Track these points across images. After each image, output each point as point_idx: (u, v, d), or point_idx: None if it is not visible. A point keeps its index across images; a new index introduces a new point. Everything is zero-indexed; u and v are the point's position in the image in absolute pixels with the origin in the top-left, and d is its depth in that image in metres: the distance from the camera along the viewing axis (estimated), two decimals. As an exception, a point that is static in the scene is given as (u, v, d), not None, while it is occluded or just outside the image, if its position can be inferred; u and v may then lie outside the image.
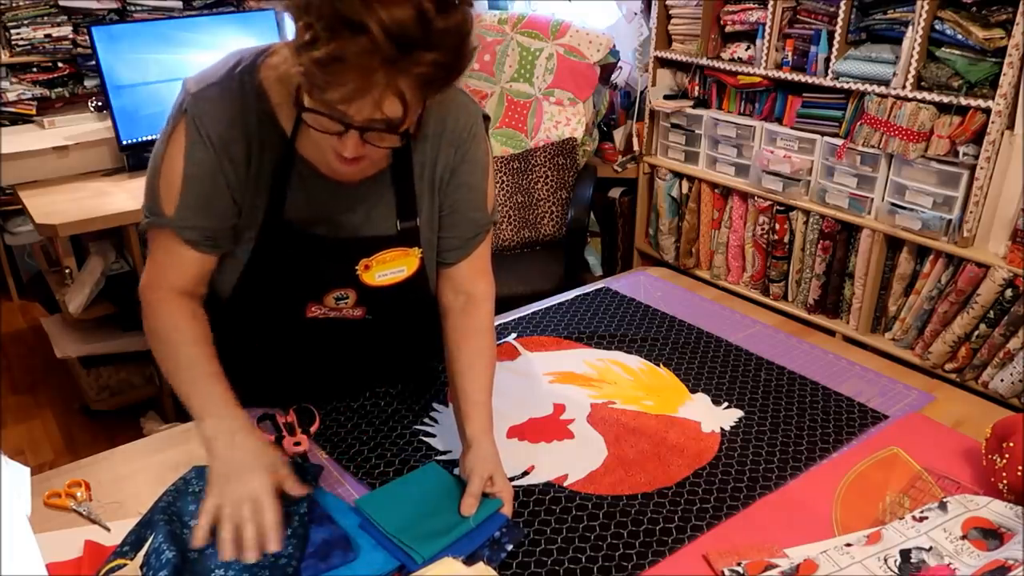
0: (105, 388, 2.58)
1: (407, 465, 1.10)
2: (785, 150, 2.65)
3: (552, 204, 2.84)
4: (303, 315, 1.12)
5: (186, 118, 0.97)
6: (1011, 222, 2.17)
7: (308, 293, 1.10)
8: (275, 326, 1.16)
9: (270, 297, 1.10)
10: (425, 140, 1.06)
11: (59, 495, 1.03)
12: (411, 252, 1.10)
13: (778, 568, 0.90)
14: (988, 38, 2.06)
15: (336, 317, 1.14)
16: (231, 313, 1.12)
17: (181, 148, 0.98)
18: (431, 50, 0.80)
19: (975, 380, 2.32)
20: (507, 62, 2.96)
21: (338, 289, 1.10)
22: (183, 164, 0.98)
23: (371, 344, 1.22)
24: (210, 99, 0.97)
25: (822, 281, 2.65)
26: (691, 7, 2.81)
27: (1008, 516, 0.94)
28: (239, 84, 0.98)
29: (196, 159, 0.98)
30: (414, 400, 1.25)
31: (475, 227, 1.14)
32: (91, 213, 2.30)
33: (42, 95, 3.13)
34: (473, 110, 1.11)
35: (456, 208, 1.12)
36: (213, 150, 0.98)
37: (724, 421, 1.21)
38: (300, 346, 1.19)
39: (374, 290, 1.10)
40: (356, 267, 1.07)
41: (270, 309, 1.13)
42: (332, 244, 1.06)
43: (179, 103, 0.99)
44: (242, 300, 1.11)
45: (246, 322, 1.15)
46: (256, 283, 1.08)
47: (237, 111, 0.97)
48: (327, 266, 1.08)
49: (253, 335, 1.18)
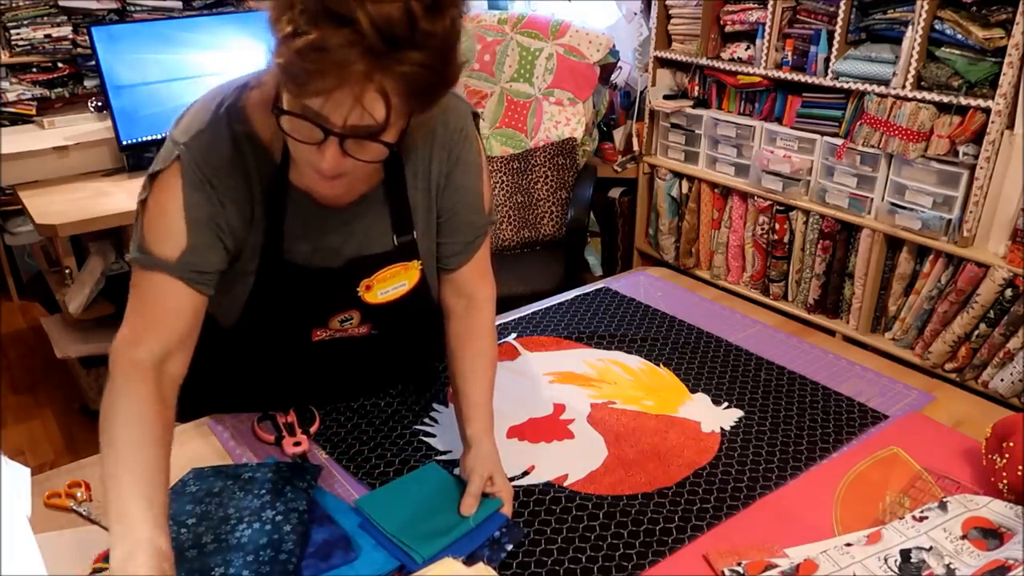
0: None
1: (407, 465, 1.10)
2: (785, 150, 2.65)
3: (552, 204, 2.84)
4: (309, 340, 1.12)
5: (180, 164, 0.94)
6: (1011, 222, 2.17)
7: (312, 320, 1.10)
8: (281, 351, 1.16)
9: (274, 326, 1.10)
10: (415, 148, 1.05)
11: (59, 495, 1.03)
12: (411, 266, 1.09)
13: (778, 568, 0.90)
14: (988, 38, 2.06)
15: (342, 337, 1.14)
16: (235, 340, 1.11)
17: (178, 192, 0.94)
18: (416, 50, 0.78)
19: (975, 380, 2.32)
20: (507, 62, 2.96)
21: (342, 312, 1.09)
22: (183, 209, 0.94)
23: (377, 357, 1.22)
24: (203, 145, 0.95)
25: (822, 281, 2.65)
26: (691, 7, 2.81)
27: (1008, 516, 0.94)
28: (227, 123, 0.95)
29: (197, 203, 0.94)
30: (414, 400, 1.26)
31: (474, 230, 1.13)
32: (91, 213, 2.31)
33: (42, 95, 3.13)
34: (463, 109, 1.09)
35: (454, 212, 1.11)
36: (213, 192, 0.95)
37: (724, 421, 1.21)
38: (306, 367, 1.19)
39: (377, 308, 1.10)
40: (358, 289, 1.07)
41: (275, 336, 1.12)
42: (333, 272, 1.05)
43: (167, 154, 0.95)
44: (246, 329, 1.10)
45: (251, 348, 1.14)
46: (259, 314, 1.07)
47: (231, 151, 0.95)
48: (329, 293, 1.07)
49: (258, 360, 1.18)
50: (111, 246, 2.55)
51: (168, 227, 0.94)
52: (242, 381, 1.21)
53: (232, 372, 1.19)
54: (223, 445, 1.14)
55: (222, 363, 1.12)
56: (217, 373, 1.12)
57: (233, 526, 0.96)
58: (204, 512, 0.98)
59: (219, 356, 1.05)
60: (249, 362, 1.18)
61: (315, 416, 1.19)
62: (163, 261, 0.93)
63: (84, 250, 2.59)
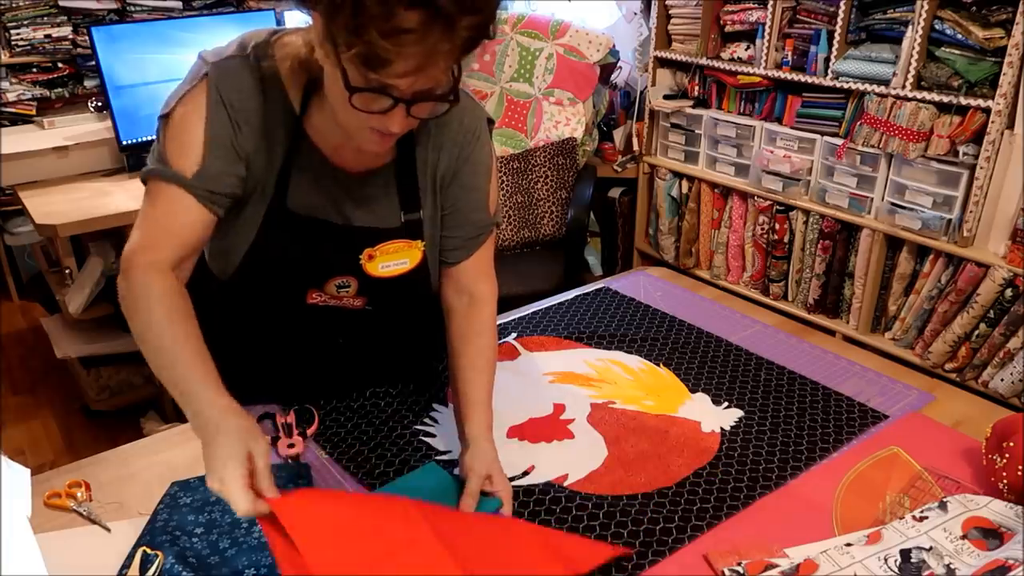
0: (105, 388, 2.58)
1: (407, 465, 1.10)
2: (785, 150, 2.65)
3: (552, 204, 2.84)
4: (303, 301, 1.13)
5: (208, 82, 0.97)
6: (1011, 222, 2.17)
7: (310, 278, 1.11)
8: (275, 310, 1.16)
9: (272, 280, 1.11)
10: (429, 138, 1.07)
11: (59, 495, 1.03)
12: (414, 244, 1.10)
13: (778, 568, 0.90)
14: (988, 38, 2.06)
15: (336, 306, 1.14)
16: (231, 295, 1.13)
17: (202, 109, 0.97)
18: (477, 13, 0.81)
19: (975, 380, 2.32)
20: (507, 62, 2.96)
21: (340, 276, 1.10)
22: (204, 126, 0.97)
23: (371, 336, 1.23)
24: (230, 69, 0.98)
25: (822, 281, 2.65)
26: (691, 7, 2.81)
27: (1008, 516, 0.94)
28: (255, 60, 0.99)
29: (217, 122, 0.98)
30: (414, 400, 1.26)
31: (476, 228, 1.14)
32: (91, 213, 2.31)
33: (42, 95, 3.13)
34: (479, 113, 1.12)
35: (457, 208, 1.12)
36: (232, 116, 0.98)
37: (724, 421, 1.21)
38: (300, 333, 1.19)
39: (375, 281, 1.11)
40: (360, 256, 1.08)
41: (271, 292, 1.13)
42: (338, 231, 1.07)
43: (196, 71, 0.99)
44: (244, 281, 1.11)
45: (246, 304, 1.16)
46: (259, 264, 1.09)
47: (254, 84, 0.98)
48: (331, 252, 1.08)
49: (253, 318, 1.19)
50: (111, 246, 2.55)
51: (188, 142, 0.97)
52: (236, 351, 1.20)
53: (226, 337, 1.17)
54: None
55: (214, 325, 1.11)
56: (208, 338, 1.11)
57: (247, 529, 0.96)
58: (210, 520, 0.98)
59: (212, 315, 1.05)
60: (243, 321, 1.18)
61: (314, 416, 1.19)
62: (180, 175, 0.97)
63: (84, 250, 2.59)
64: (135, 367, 2.59)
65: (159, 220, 0.98)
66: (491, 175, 1.14)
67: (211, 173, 0.98)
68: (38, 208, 2.35)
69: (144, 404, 2.62)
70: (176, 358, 0.90)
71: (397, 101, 0.85)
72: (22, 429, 2.61)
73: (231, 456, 0.81)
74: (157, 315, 0.92)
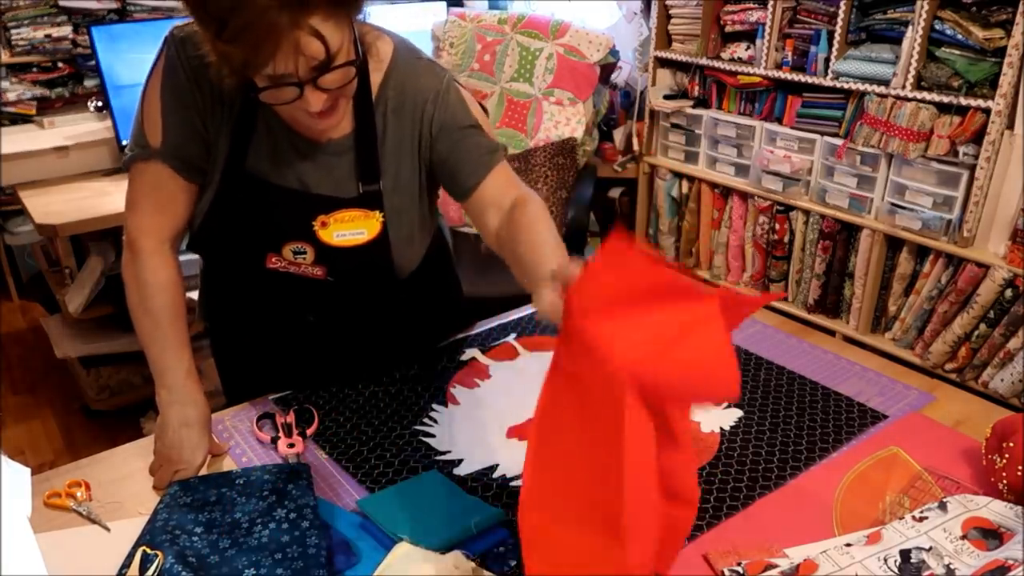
0: (105, 388, 2.58)
1: (407, 465, 1.10)
2: (785, 150, 2.65)
3: (552, 204, 2.84)
4: (263, 265, 1.14)
5: (166, 48, 1.05)
6: (1011, 222, 2.17)
7: (266, 243, 1.12)
8: (237, 272, 1.20)
9: (230, 243, 1.14)
10: (385, 108, 1.09)
11: (59, 495, 1.03)
12: (372, 215, 1.11)
13: (778, 568, 0.90)
14: (988, 38, 2.07)
15: (296, 273, 1.14)
16: (199, 256, 1.20)
17: (159, 76, 1.04)
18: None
19: (975, 380, 2.32)
20: (507, 62, 2.96)
21: (295, 242, 1.11)
22: (160, 90, 1.03)
23: (339, 315, 1.24)
24: (189, 33, 1.03)
25: (822, 281, 2.65)
26: (691, 7, 2.82)
27: (1008, 516, 0.94)
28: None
29: (173, 83, 1.04)
30: (414, 400, 1.26)
31: (480, 149, 1.12)
32: (91, 213, 2.31)
33: (42, 95, 3.13)
34: (437, 71, 1.12)
35: (454, 147, 1.12)
36: (187, 75, 1.03)
37: (724, 421, 1.21)
38: (267, 301, 1.22)
39: (333, 250, 1.11)
40: (313, 222, 1.09)
41: (231, 255, 1.16)
42: (291, 195, 1.09)
43: (161, 44, 1.06)
44: (204, 245, 1.16)
45: (211, 268, 1.24)
46: (217, 228, 1.12)
47: (212, 48, 0.98)
48: (283, 217, 1.10)
49: (217, 280, 1.25)
50: (111, 246, 2.55)
51: (152, 114, 1.05)
52: (213, 324, 1.31)
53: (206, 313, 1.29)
54: (217, 437, 1.14)
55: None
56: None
57: (247, 529, 0.95)
58: (210, 520, 0.97)
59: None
60: (210, 288, 1.26)
61: (314, 416, 1.19)
62: (154, 149, 1.05)
63: (84, 250, 2.59)
64: (135, 367, 2.59)
65: (149, 196, 1.08)
66: (473, 112, 1.13)
67: (175, 141, 1.04)
68: (38, 208, 2.35)
69: (144, 404, 2.62)
70: (156, 341, 1.10)
71: (298, 85, 0.91)
72: (22, 429, 2.62)
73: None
74: (160, 297, 1.09)
